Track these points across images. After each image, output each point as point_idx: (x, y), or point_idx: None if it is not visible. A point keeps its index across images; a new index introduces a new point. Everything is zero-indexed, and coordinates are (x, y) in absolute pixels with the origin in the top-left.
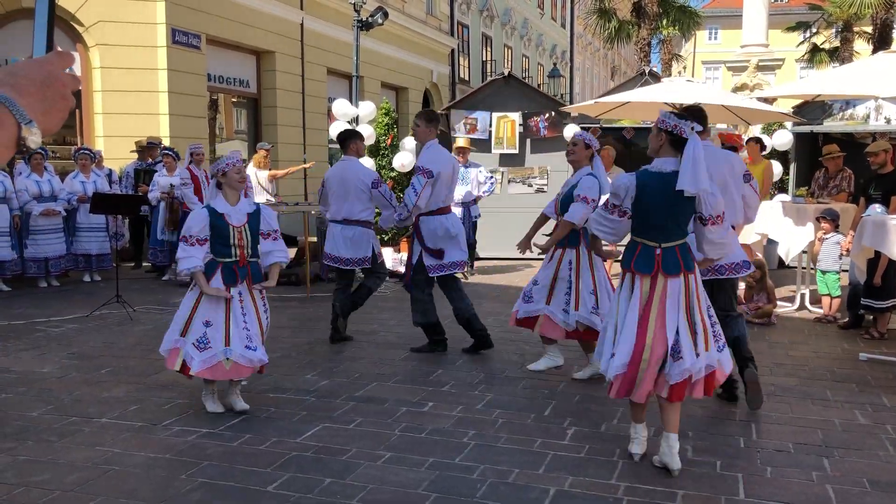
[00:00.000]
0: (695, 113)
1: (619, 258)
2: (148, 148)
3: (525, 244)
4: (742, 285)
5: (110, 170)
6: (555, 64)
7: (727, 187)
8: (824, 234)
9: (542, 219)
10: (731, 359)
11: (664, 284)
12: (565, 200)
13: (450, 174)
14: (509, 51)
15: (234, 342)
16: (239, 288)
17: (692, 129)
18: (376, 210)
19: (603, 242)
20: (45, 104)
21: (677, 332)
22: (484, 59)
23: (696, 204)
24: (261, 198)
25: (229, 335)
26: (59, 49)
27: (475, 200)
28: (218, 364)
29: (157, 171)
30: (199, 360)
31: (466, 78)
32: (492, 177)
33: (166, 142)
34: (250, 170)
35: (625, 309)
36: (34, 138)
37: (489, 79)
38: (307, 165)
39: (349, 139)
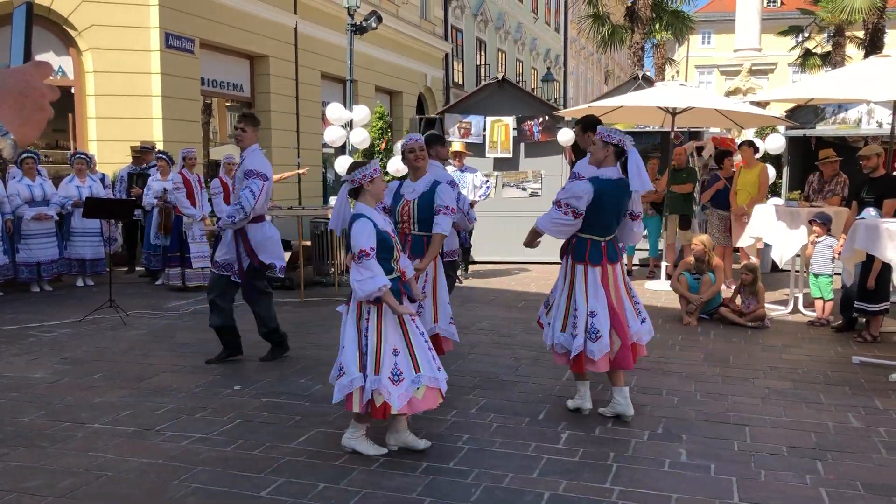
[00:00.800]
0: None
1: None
2: (142, 152)
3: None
4: (731, 287)
5: (103, 174)
6: (549, 68)
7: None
8: (816, 237)
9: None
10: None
11: (612, 270)
12: None
13: (271, 182)
14: (503, 55)
15: (424, 366)
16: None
17: (631, 142)
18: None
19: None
20: (22, 115)
21: (625, 308)
22: (478, 63)
23: (629, 203)
24: None
25: (416, 360)
26: (38, 59)
27: (472, 205)
28: (412, 397)
29: (150, 175)
30: (396, 395)
31: (460, 82)
32: (487, 181)
33: (160, 146)
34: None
35: (579, 295)
36: (9, 149)
37: (483, 83)
38: (302, 171)
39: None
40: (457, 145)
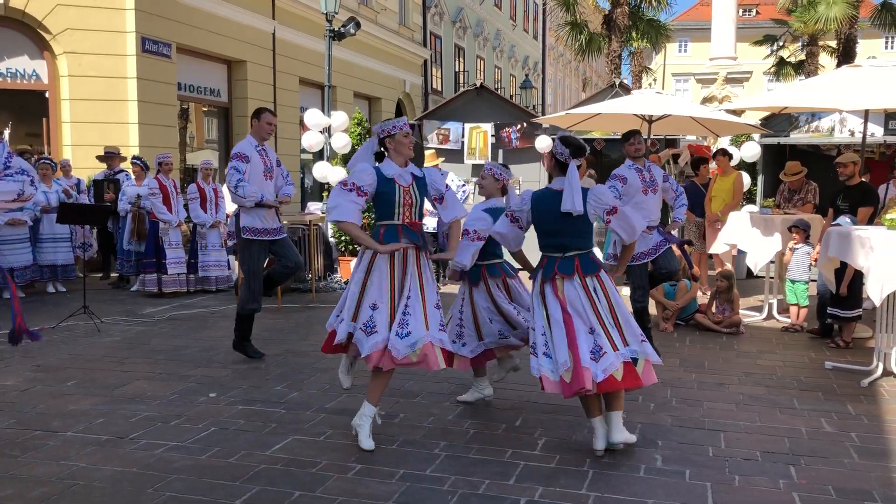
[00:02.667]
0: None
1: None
2: (107, 157)
3: None
4: (707, 294)
5: (79, 179)
6: (527, 75)
7: None
8: (795, 244)
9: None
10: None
11: (571, 283)
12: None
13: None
14: (482, 62)
15: (413, 326)
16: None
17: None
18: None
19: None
20: None
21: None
22: (456, 69)
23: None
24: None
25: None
26: None
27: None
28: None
29: (119, 180)
30: (367, 345)
31: (439, 88)
32: (464, 184)
33: (135, 151)
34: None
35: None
36: None
37: (462, 89)
38: None
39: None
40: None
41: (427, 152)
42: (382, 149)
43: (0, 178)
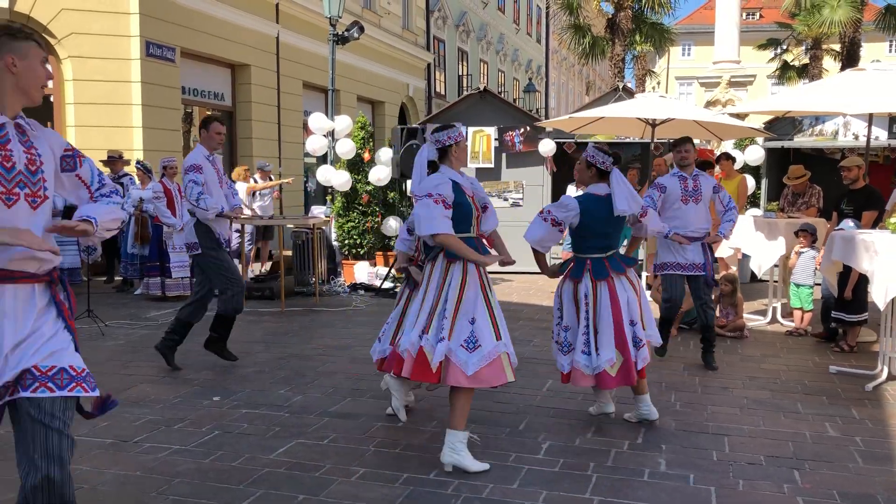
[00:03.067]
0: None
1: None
2: (109, 162)
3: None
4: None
5: None
6: (530, 79)
7: None
8: (801, 247)
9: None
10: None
11: (619, 282)
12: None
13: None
14: (485, 66)
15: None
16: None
17: (611, 162)
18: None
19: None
20: None
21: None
22: (460, 73)
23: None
24: (267, 198)
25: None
26: None
27: None
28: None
29: (123, 184)
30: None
31: (442, 92)
32: None
33: (139, 155)
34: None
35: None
36: None
37: (465, 93)
38: (287, 181)
39: None
40: None
41: None
42: (438, 158)
43: (96, 202)
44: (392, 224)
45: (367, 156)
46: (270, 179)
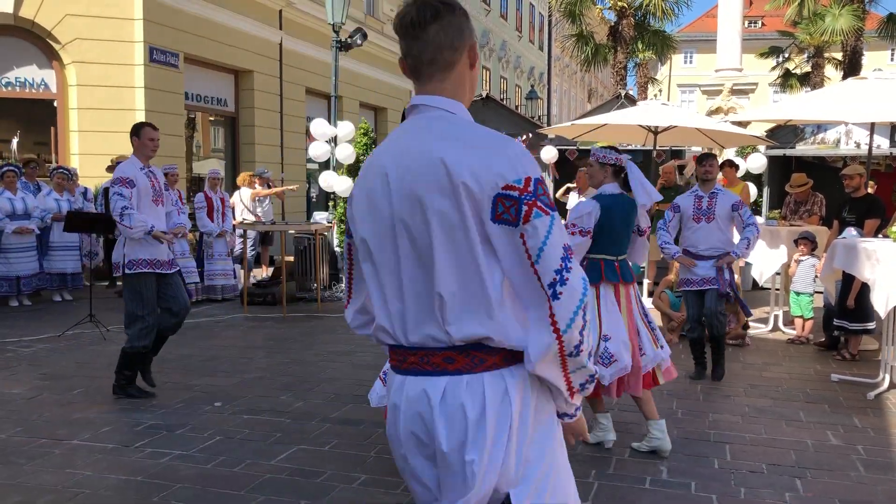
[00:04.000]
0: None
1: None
2: (115, 167)
3: None
4: None
5: (86, 188)
6: (532, 86)
7: None
8: (801, 255)
9: None
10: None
11: (625, 291)
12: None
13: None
14: (487, 72)
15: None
16: None
17: (628, 157)
18: None
19: None
20: None
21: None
22: None
23: (636, 218)
24: (246, 216)
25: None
26: None
27: None
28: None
29: None
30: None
31: None
32: None
33: None
34: (236, 193)
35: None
36: None
37: None
38: (292, 188)
39: None
40: None
41: None
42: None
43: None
44: None
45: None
46: (269, 186)
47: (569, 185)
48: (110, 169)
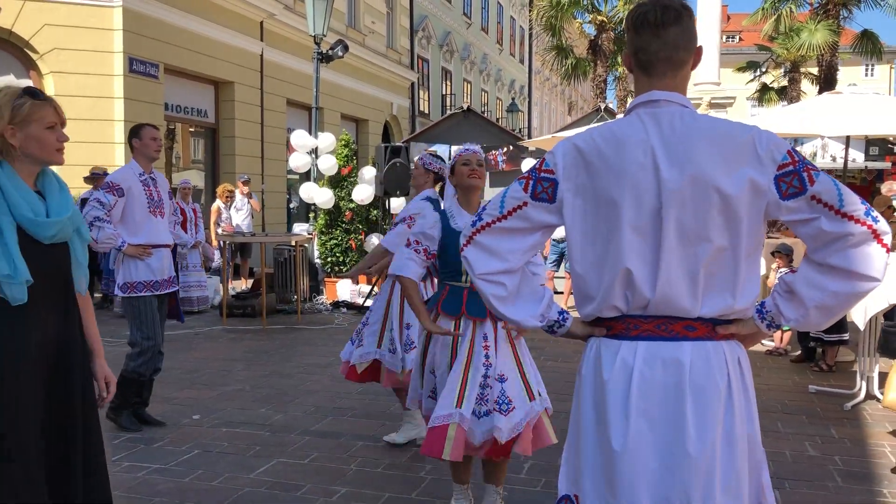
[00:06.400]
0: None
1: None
2: (93, 178)
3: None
4: None
5: None
6: (513, 99)
7: None
8: (778, 268)
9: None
10: None
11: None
12: None
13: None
14: (469, 85)
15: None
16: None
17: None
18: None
19: None
20: None
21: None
22: (444, 92)
23: None
24: (243, 214)
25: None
26: None
27: None
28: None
29: None
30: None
31: (426, 111)
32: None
33: None
34: (239, 196)
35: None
36: None
37: (449, 112)
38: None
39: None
40: None
41: None
42: None
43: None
44: (374, 241)
45: (346, 171)
46: (251, 196)
47: None
48: (88, 179)
